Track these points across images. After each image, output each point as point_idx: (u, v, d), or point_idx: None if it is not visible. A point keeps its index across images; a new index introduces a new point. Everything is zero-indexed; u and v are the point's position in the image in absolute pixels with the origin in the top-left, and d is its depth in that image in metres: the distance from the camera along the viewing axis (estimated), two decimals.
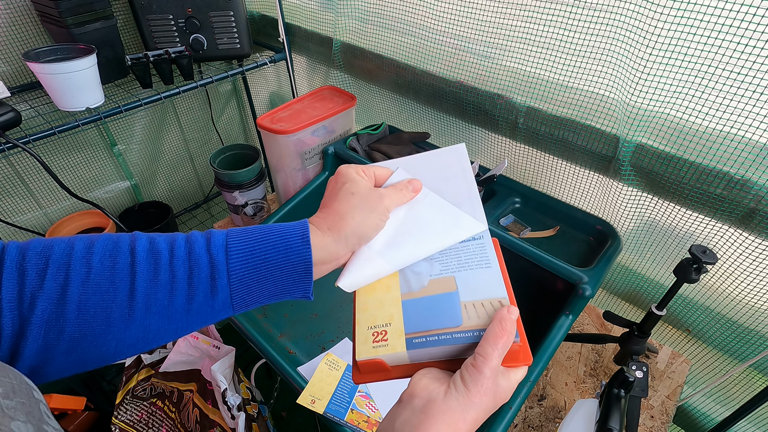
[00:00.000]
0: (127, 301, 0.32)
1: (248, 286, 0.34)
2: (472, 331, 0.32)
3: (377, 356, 0.33)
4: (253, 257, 0.34)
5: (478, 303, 0.33)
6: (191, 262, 0.33)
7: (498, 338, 0.30)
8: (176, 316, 0.33)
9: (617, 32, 0.61)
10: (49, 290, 0.30)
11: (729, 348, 0.71)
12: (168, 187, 1.50)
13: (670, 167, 0.63)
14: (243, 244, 0.35)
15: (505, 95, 0.78)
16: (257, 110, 1.47)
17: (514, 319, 0.31)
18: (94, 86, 0.90)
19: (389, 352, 0.33)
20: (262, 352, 0.70)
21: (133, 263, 0.32)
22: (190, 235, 0.35)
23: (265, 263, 0.34)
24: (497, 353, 0.30)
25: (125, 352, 0.33)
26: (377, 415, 0.65)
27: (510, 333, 0.30)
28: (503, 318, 0.31)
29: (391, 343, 0.33)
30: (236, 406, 0.79)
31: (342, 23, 0.98)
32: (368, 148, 0.94)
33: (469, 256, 0.37)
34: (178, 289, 0.33)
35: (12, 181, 1.11)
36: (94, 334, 0.31)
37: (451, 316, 0.33)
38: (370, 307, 0.36)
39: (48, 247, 0.32)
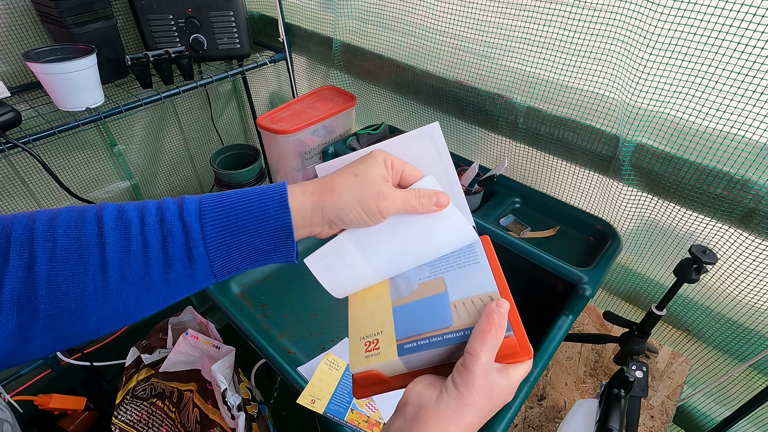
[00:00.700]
0: (99, 274, 0.30)
1: (227, 253, 0.33)
2: (462, 330, 0.31)
3: (370, 366, 0.32)
4: (228, 223, 0.32)
5: (467, 300, 0.32)
6: (164, 231, 0.31)
7: (485, 333, 0.29)
8: (155, 286, 0.32)
9: (617, 32, 0.61)
10: (15, 269, 0.29)
11: (729, 348, 0.71)
12: (168, 187, 1.50)
13: (670, 167, 0.62)
14: (217, 210, 0.33)
15: (505, 95, 0.78)
16: (257, 110, 1.47)
17: (504, 312, 0.30)
18: (94, 86, 0.90)
19: (381, 360, 0.32)
20: (262, 352, 0.70)
21: (101, 233, 0.31)
22: (162, 202, 0.33)
23: (243, 229, 0.32)
24: (486, 349, 0.28)
25: (108, 326, 0.32)
26: (377, 415, 0.65)
27: (499, 326, 0.29)
28: (491, 312, 0.30)
29: (383, 352, 0.32)
30: (236, 406, 0.79)
31: (342, 23, 0.98)
32: None
33: (456, 254, 0.36)
34: (153, 259, 0.31)
35: (12, 181, 1.11)
36: (69, 309, 0.30)
37: (441, 317, 0.32)
38: (362, 318, 0.35)
39: (8, 224, 0.30)
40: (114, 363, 1.11)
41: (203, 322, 0.97)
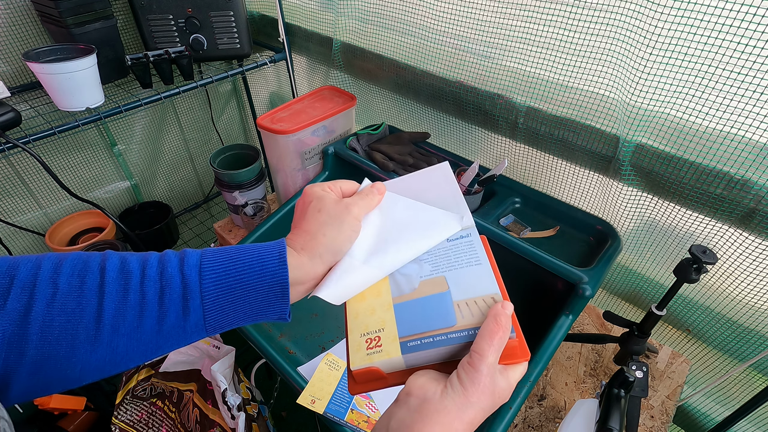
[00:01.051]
0: (93, 323, 0.31)
1: (222, 307, 0.33)
2: (467, 330, 0.31)
3: (372, 364, 0.32)
4: (227, 278, 0.33)
5: (471, 301, 0.32)
6: (163, 282, 0.32)
7: (493, 334, 0.29)
8: (146, 337, 0.32)
9: (617, 32, 0.61)
10: (11, 311, 0.29)
11: (729, 348, 0.71)
12: (168, 187, 1.50)
13: (670, 167, 0.63)
14: (217, 264, 0.34)
15: (505, 95, 0.78)
16: (257, 110, 1.47)
17: (509, 314, 0.30)
18: (94, 86, 0.90)
19: (384, 357, 0.32)
20: (262, 352, 0.71)
21: (102, 283, 0.31)
22: (164, 255, 0.34)
23: (240, 284, 0.33)
24: (493, 349, 0.29)
25: (91, 376, 0.32)
26: (377, 415, 0.65)
27: (506, 328, 0.30)
28: (498, 313, 0.30)
29: (385, 349, 0.32)
30: (236, 406, 0.79)
31: (342, 23, 0.98)
32: (368, 148, 0.94)
33: (458, 254, 0.36)
34: (149, 310, 0.32)
35: (12, 181, 1.11)
36: (57, 356, 0.30)
37: (445, 316, 0.32)
38: (362, 314, 0.35)
39: (13, 266, 0.31)
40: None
41: None
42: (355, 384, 0.34)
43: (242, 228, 1.07)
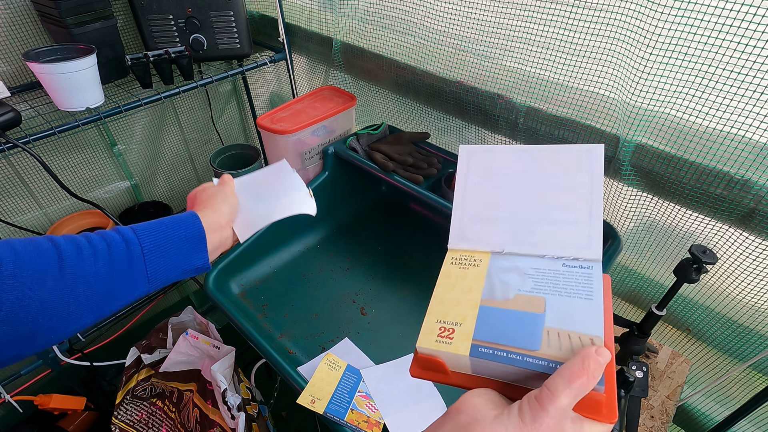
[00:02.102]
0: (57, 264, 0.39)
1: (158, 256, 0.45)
2: (547, 361, 0.28)
3: (438, 351, 0.31)
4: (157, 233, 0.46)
5: (564, 333, 0.29)
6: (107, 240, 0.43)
7: (575, 377, 0.25)
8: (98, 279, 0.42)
9: (618, 32, 0.61)
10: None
11: (729, 348, 0.71)
12: (168, 187, 1.50)
13: (670, 167, 0.62)
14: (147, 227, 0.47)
15: (505, 95, 0.78)
16: (257, 110, 1.47)
17: (602, 363, 0.26)
18: (94, 86, 0.90)
19: (451, 351, 0.30)
20: (262, 352, 0.71)
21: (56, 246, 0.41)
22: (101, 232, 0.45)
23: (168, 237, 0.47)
24: (569, 393, 0.25)
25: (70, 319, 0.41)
26: (377, 415, 0.65)
27: (592, 375, 0.25)
28: (588, 356, 0.26)
29: (455, 343, 0.30)
30: (236, 406, 0.79)
31: (342, 23, 0.98)
32: (368, 148, 0.94)
33: (569, 282, 0.32)
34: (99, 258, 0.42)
35: (12, 181, 1.11)
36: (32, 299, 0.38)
37: (530, 337, 0.29)
38: (446, 302, 0.33)
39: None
40: (114, 363, 1.11)
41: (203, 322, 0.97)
42: (417, 367, 0.32)
43: None
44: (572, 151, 0.35)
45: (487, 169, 0.37)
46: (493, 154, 0.37)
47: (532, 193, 0.35)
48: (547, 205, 0.34)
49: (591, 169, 0.34)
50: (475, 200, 0.36)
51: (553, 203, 0.34)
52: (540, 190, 0.35)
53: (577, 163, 0.35)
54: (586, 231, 0.34)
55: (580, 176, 0.34)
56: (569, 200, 0.34)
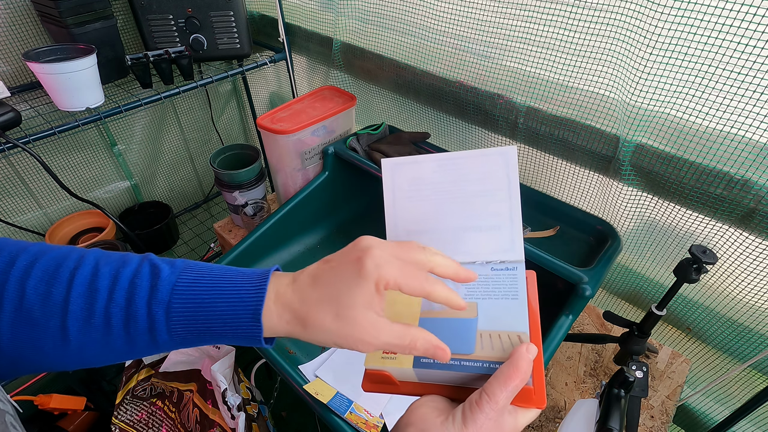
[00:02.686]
0: (60, 338, 0.30)
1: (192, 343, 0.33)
2: (482, 362, 0.30)
3: (384, 368, 0.32)
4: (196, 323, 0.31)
5: (495, 334, 0.32)
6: (128, 313, 0.31)
7: (509, 380, 0.28)
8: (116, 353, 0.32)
9: (618, 32, 0.61)
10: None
11: (729, 348, 0.71)
12: (168, 187, 1.50)
13: (670, 167, 0.62)
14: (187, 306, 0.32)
15: (505, 95, 0.78)
16: (257, 110, 1.47)
17: (531, 358, 0.29)
18: (94, 86, 0.90)
19: (396, 366, 0.32)
20: (262, 352, 0.70)
21: (67, 299, 0.31)
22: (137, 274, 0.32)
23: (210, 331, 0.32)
24: (505, 395, 0.28)
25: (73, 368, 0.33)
26: (375, 420, 0.65)
27: (524, 374, 0.28)
28: (519, 357, 0.29)
29: (399, 358, 0.32)
30: (236, 406, 0.79)
31: (342, 23, 0.98)
32: (368, 148, 0.94)
33: (497, 284, 0.35)
34: (115, 334, 0.31)
35: (12, 181, 1.11)
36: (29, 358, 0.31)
37: (465, 342, 0.32)
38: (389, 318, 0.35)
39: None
40: None
41: None
42: (368, 382, 0.34)
43: (242, 228, 1.07)
44: (488, 155, 0.36)
45: (412, 182, 0.37)
46: (415, 165, 0.37)
47: (457, 201, 0.36)
48: (472, 213, 0.36)
49: (507, 173, 0.35)
50: (406, 215, 0.37)
51: (477, 210, 0.36)
52: (464, 198, 0.36)
53: (495, 168, 0.36)
54: (509, 234, 0.35)
55: (498, 181, 0.35)
56: (491, 206, 0.35)
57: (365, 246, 0.31)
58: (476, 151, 0.36)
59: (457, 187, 0.36)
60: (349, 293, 0.29)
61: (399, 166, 0.38)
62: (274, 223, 0.89)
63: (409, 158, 0.37)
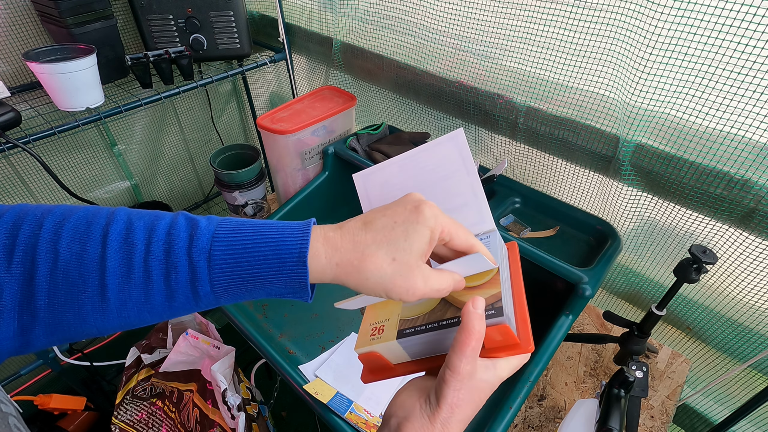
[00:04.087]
0: (98, 296, 0.29)
1: (234, 294, 0.31)
2: (457, 318, 0.31)
3: (372, 348, 0.33)
4: (239, 270, 0.30)
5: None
6: (169, 265, 0.30)
7: (464, 346, 0.27)
8: (156, 310, 0.31)
9: (618, 32, 0.61)
10: (17, 274, 0.28)
11: (729, 348, 0.71)
12: (168, 187, 1.50)
13: (670, 167, 0.62)
14: (229, 252, 0.30)
15: (505, 95, 0.78)
16: (257, 110, 1.47)
17: (480, 312, 0.28)
18: (94, 86, 0.90)
19: (382, 342, 0.33)
20: (262, 352, 0.70)
21: (104, 256, 0.29)
22: (173, 225, 0.31)
23: (254, 278, 0.30)
24: (465, 362, 0.27)
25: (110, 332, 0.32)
26: (375, 420, 0.65)
27: (478, 333, 0.28)
28: (468, 317, 0.28)
29: (384, 335, 0.34)
30: (236, 406, 0.79)
31: (342, 23, 0.98)
32: (368, 148, 0.94)
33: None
34: (155, 289, 0.30)
35: (12, 181, 1.11)
36: (68, 322, 0.29)
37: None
38: (378, 307, 0.37)
39: (17, 224, 0.29)
40: (114, 363, 1.11)
41: (203, 322, 0.96)
42: (365, 372, 0.35)
43: None
44: (439, 143, 0.38)
45: (382, 186, 0.40)
46: (382, 172, 0.40)
47: (424, 193, 0.38)
48: (439, 199, 0.38)
49: (460, 154, 0.37)
50: None
51: (442, 195, 0.38)
52: (429, 187, 0.38)
53: (448, 153, 0.38)
54: (476, 208, 0.37)
55: (453, 163, 0.37)
56: (453, 187, 0.38)
57: (419, 198, 0.32)
58: (429, 143, 0.38)
59: (420, 179, 0.38)
60: (407, 238, 0.30)
61: (368, 176, 0.40)
62: None
63: (374, 167, 0.40)
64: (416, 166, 0.39)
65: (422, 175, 0.38)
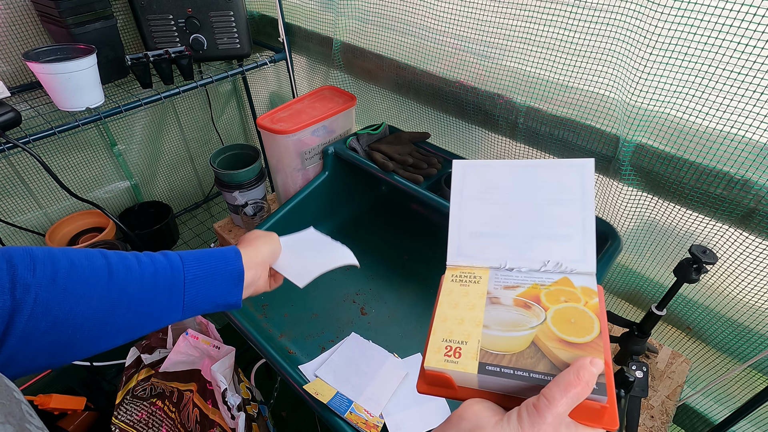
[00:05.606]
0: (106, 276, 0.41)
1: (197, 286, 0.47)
2: (551, 375, 0.29)
3: (446, 370, 0.31)
4: (200, 263, 0.48)
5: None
6: (155, 264, 0.45)
7: (570, 386, 0.27)
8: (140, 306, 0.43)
9: (618, 32, 0.61)
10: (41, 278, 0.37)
11: (729, 348, 0.71)
12: (168, 187, 1.50)
13: (670, 167, 0.62)
14: (192, 255, 0.48)
15: (505, 95, 0.78)
16: (257, 110, 1.47)
17: (595, 372, 0.27)
18: (94, 86, 0.90)
19: (459, 369, 0.31)
20: (262, 352, 0.70)
21: (109, 263, 0.42)
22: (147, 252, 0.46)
23: (211, 269, 0.48)
24: (565, 401, 0.27)
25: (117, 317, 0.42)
26: (375, 420, 0.65)
27: (586, 384, 0.27)
28: (582, 367, 0.28)
29: (462, 362, 0.31)
30: (236, 406, 0.79)
31: (342, 23, 0.98)
32: (368, 148, 0.94)
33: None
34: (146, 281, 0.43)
35: (12, 181, 1.11)
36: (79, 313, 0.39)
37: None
38: (450, 320, 0.35)
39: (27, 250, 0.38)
40: (114, 363, 1.11)
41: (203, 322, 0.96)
42: (424, 384, 0.33)
43: (242, 228, 1.06)
44: (565, 165, 0.36)
45: (482, 185, 0.38)
46: (488, 169, 0.38)
47: (527, 208, 0.36)
48: (542, 220, 0.36)
49: (583, 184, 0.35)
50: (472, 216, 0.37)
51: (548, 218, 0.35)
52: (535, 205, 0.36)
53: (570, 178, 0.35)
54: (581, 245, 0.35)
55: (572, 191, 0.35)
56: (563, 215, 0.35)
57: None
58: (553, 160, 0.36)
59: (531, 194, 0.36)
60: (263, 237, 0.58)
61: (471, 168, 0.38)
62: (274, 223, 0.89)
63: (481, 161, 0.38)
64: (531, 179, 0.37)
65: (533, 190, 0.36)
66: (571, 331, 0.31)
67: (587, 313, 0.32)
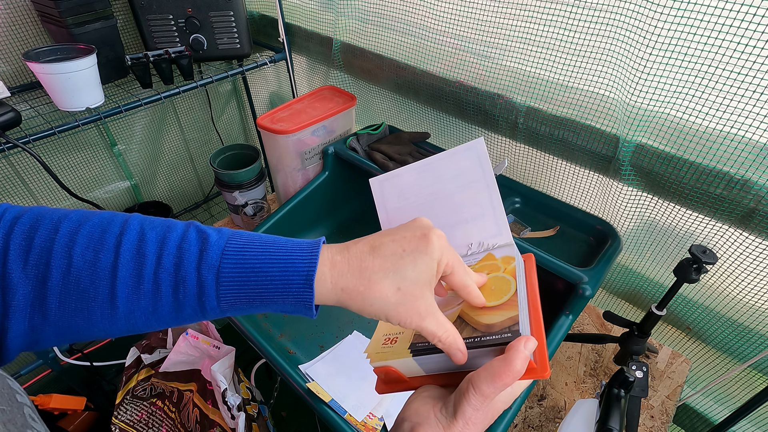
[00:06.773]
0: (108, 304, 0.30)
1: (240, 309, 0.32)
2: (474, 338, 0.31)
3: (387, 363, 0.32)
4: (246, 288, 0.31)
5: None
6: (178, 278, 0.31)
7: (498, 377, 0.27)
8: (163, 319, 0.32)
9: (617, 32, 0.61)
10: (32, 276, 0.29)
11: (729, 348, 0.71)
12: (168, 187, 1.50)
13: (670, 167, 0.62)
14: (238, 270, 0.31)
15: (505, 95, 0.78)
16: (257, 110, 1.47)
17: (529, 354, 0.27)
18: (94, 86, 0.90)
19: (394, 357, 0.32)
20: (262, 352, 0.70)
21: (116, 265, 0.30)
22: (184, 239, 0.32)
23: (259, 297, 0.31)
24: (492, 391, 0.27)
25: (117, 335, 0.33)
26: (374, 422, 0.65)
27: (516, 373, 0.26)
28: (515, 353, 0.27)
29: (396, 348, 0.33)
30: (236, 406, 0.79)
31: (342, 23, 0.98)
32: (368, 148, 0.94)
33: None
34: (164, 300, 0.31)
35: (12, 181, 1.11)
36: (77, 325, 0.30)
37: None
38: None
39: (35, 226, 0.30)
40: (114, 363, 1.11)
41: (203, 322, 0.97)
42: (380, 382, 0.34)
43: (242, 228, 1.07)
44: (459, 152, 0.37)
45: (398, 194, 0.39)
46: (399, 178, 0.39)
47: (440, 201, 0.38)
48: (455, 208, 0.37)
49: (480, 164, 0.37)
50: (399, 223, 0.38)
51: (459, 204, 0.37)
52: (446, 197, 0.38)
53: (467, 163, 0.37)
54: (493, 220, 0.37)
55: (473, 173, 0.37)
56: (471, 197, 0.37)
57: (428, 225, 0.32)
58: (448, 151, 0.38)
59: (438, 188, 0.38)
60: (414, 268, 0.30)
61: (385, 182, 0.39)
62: (274, 223, 0.89)
63: (391, 172, 0.39)
64: (434, 174, 0.38)
65: (439, 183, 0.38)
66: (491, 296, 0.33)
67: (505, 277, 0.34)
